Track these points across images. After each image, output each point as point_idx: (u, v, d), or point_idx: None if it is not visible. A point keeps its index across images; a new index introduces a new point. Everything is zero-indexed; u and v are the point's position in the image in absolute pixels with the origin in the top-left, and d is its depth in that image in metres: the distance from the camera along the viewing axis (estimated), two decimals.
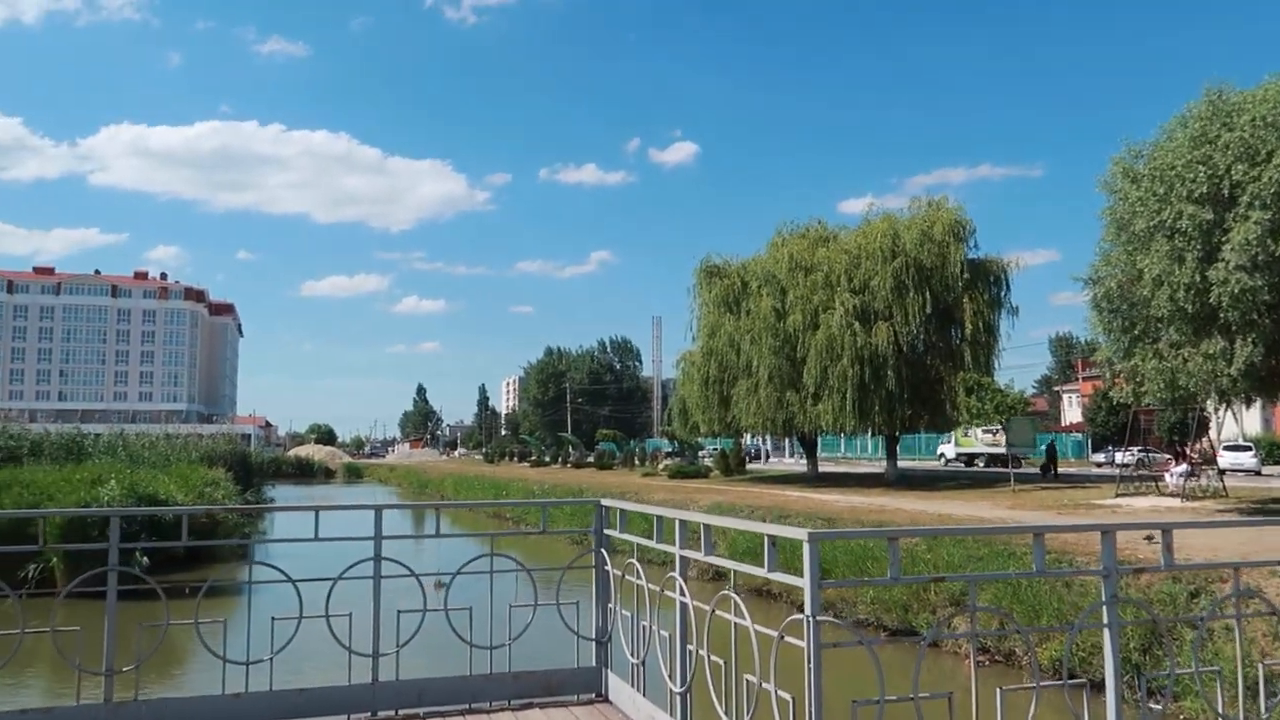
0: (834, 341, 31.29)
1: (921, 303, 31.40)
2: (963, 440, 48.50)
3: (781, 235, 36.72)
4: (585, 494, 35.40)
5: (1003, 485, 29.52)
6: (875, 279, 32.09)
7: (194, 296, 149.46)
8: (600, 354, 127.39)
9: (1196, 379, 17.35)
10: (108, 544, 5.08)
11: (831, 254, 33.73)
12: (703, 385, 36.60)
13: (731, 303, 36.43)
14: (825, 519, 20.76)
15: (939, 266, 32.03)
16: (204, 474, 30.46)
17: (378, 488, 77.65)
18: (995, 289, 33.29)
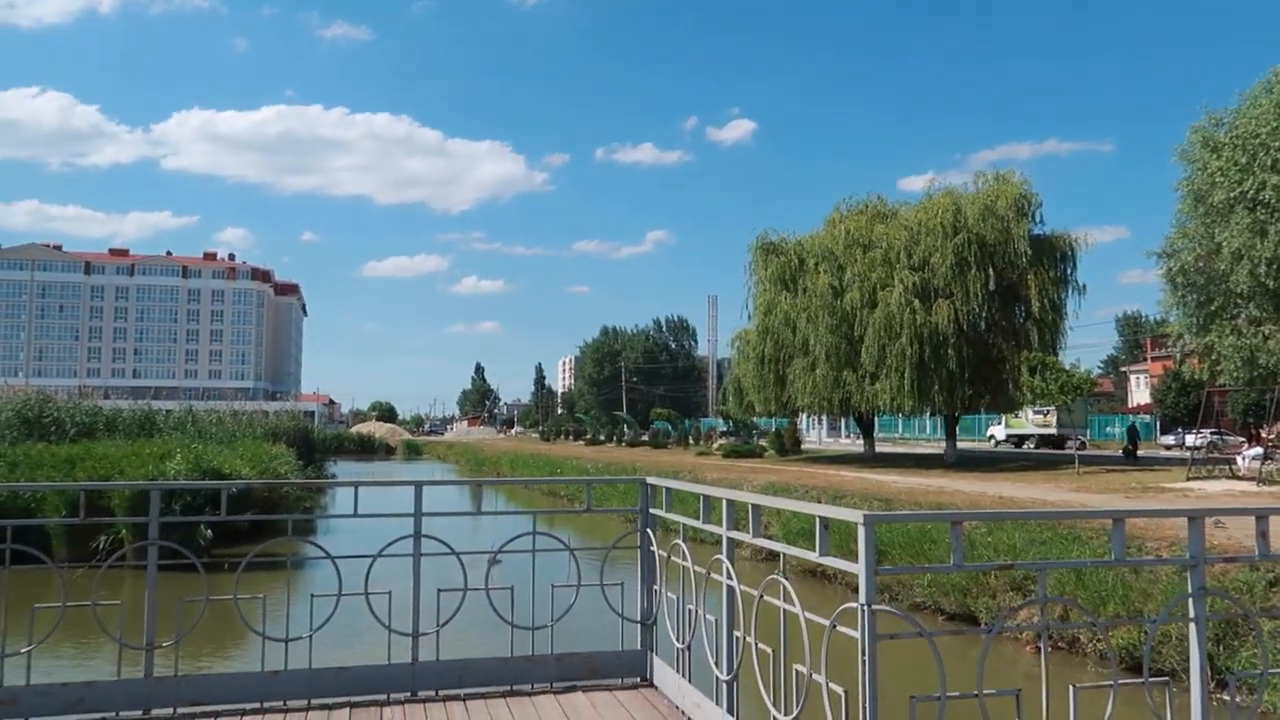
0: (892, 320, 30.60)
1: (984, 280, 30.50)
2: (1013, 422, 47.79)
3: (839, 211, 35.99)
4: (638, 471, 35.31)
5: (1066, 467, 28.65)
6: (935, 255, 31.26)
7: (260, 277, 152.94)
8: (655, 333, 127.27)
9: (1277, 357, 16.51)
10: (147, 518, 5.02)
11: (890, 230, 32.95)
12: (758, 364, 36.15)
13: (788, 280, 35.85)
14: (882, 500, 20.30)
15: (1002, 242, 31.06)
16: (268, 449, 31.04)
17: (436, 464, 78.78)
18: (1061, 266, 32.19)
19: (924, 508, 18.69)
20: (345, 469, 53.36)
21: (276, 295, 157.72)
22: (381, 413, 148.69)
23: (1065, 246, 32.37)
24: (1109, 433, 62.17)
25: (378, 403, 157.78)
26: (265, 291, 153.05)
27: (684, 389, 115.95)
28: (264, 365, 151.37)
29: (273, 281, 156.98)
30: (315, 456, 45.02)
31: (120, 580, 6.62)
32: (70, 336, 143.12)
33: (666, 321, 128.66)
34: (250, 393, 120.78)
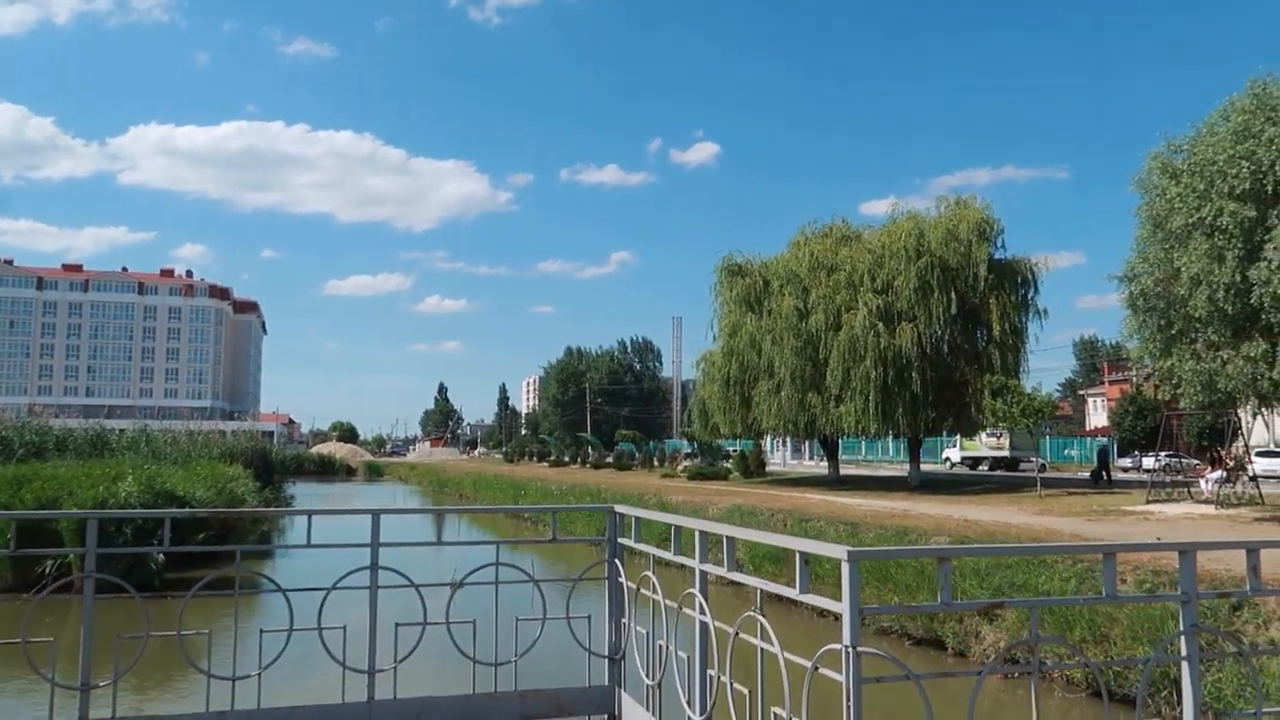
0: (857, 342, 30.72)
1: (946, 303, 30.75)
2: (967, 444, 48.94)
3: (804, 234, 36.16)
4: (603, 495, 35.01)
5: (1028, 489, 28.86)
6: (899, 279, 31.48)
7: (219, 294, 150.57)
8: (620, 354, 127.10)
9: (1236, 382, 16.72)
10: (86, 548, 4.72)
11: (854, 253, 33.15)
12: (723, 386, 36.09)
13: (753, 302, 35.91)
14: (847, 524, 20.23)
15: (964, 266, 31.35)
16: (224, 470, 30.30)
17: (397, 485, 77.70)
18: (1022, 290, 32.56)
19: (890, 531, 18.64)
20: (304, 490, 52.35)
21: (235, 313, 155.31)
22: (342, 433, 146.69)
23: (1026, 271, 32.75)
24: (1068, 455, 63.05)
25: (339, 423, 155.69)
26: (224, 309, 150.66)
27: (649, 410, 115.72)
28: (222, 384, 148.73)
29: (231, 299, 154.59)
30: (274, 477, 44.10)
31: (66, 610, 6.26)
32: (21, 353, 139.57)
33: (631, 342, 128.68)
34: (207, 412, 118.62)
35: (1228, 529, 17.51)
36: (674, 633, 4.72)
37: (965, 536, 16.99)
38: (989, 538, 16.55)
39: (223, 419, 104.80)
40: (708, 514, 24.58)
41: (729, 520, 22.57)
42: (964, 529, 17.89)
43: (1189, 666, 3.40)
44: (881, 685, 3.13)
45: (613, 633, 5.51)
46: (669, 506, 27.04)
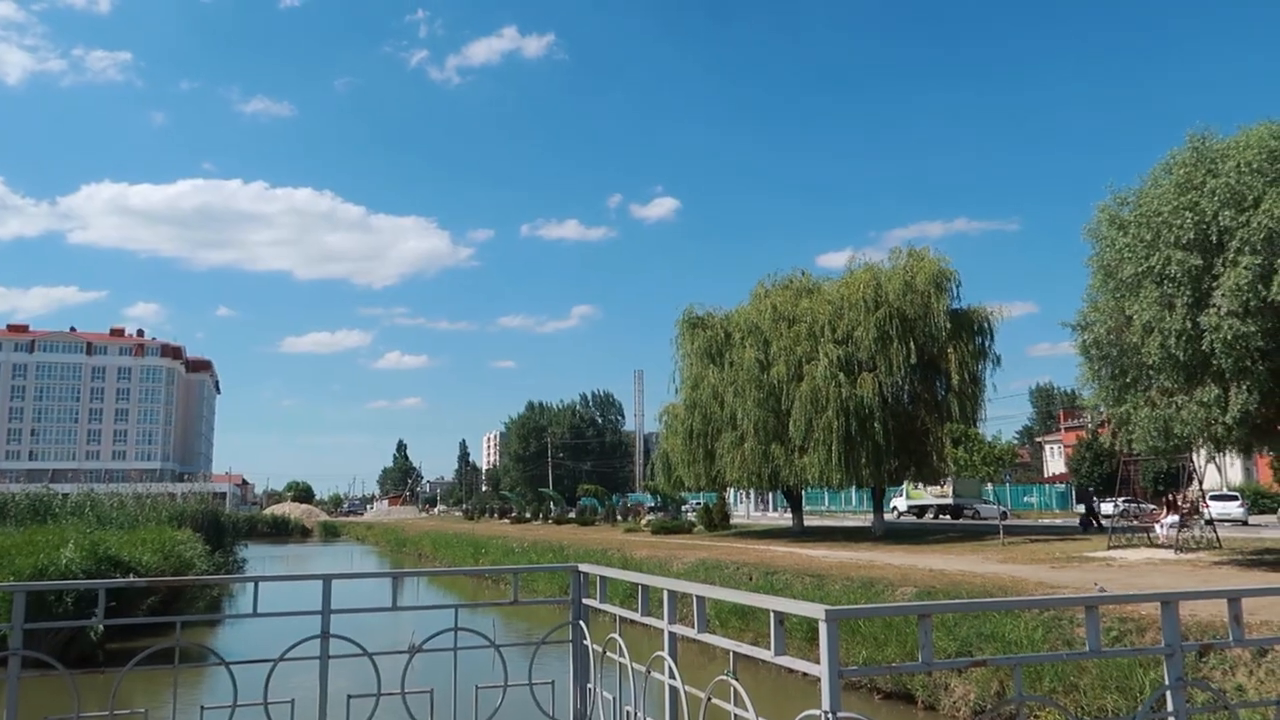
0: (819, 393, 30.85)
1: (906, 353, 31.08)
2: (913, 493, 50.54)
3: (764, 286, 36.48)
4: (566, 551, 34.47)
5: (990, 537, 28.92)
6: (859, 329, 31.79)
7: (170, 353, 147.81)
8: (582, 408, 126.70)
9: (1191, 427, 16.97)
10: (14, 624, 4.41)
11: (815, 305, 33.47)
12: (686, 438, 35.97)
13: (714, 354, 36.02)
14: (814, 575, 20.06)
15: (922, 316, 31.78)
16: (172, 534, 29.35)
17: (354, 546, 76.01)
18: (979, 339, 33.03)
19: (856, 583, 18.50)
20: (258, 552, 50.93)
21: (188, 372, 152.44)
22: (298, 493, 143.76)
23: (982, 319, 33.27)
24: (1026, 502, 63.68)
25: (294, 483, 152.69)
26: (175, 368, 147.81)
27: (611, 464, 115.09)
28: (172, 445, 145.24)
29: (184, 358, 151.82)
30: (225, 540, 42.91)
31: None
32: None
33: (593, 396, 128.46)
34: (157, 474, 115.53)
35: (1189, 574, 17.63)
36: (642, 698, 4.52)
37: (931, 586, 16.90)
38: (955, 587, 16.47)
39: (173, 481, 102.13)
40: (673, 569, 24.26)
41: (695, 575, 22.28)
42: (930, 579, 17.81)
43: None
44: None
45: (578, 699, 5.29)
46: (633, 563, 26.66)
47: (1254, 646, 9.62)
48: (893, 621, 14.50)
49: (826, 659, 2.86)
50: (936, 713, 13.72)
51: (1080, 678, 11.52)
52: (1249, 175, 16.04)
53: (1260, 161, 16.08)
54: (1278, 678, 9.79)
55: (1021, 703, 3.22)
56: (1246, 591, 3.49)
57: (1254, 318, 15.54)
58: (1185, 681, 3.27)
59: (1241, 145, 16.60)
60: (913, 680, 14.11)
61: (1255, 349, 15.86)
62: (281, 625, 5.09)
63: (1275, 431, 18.04)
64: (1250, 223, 15.63)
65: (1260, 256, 15.49)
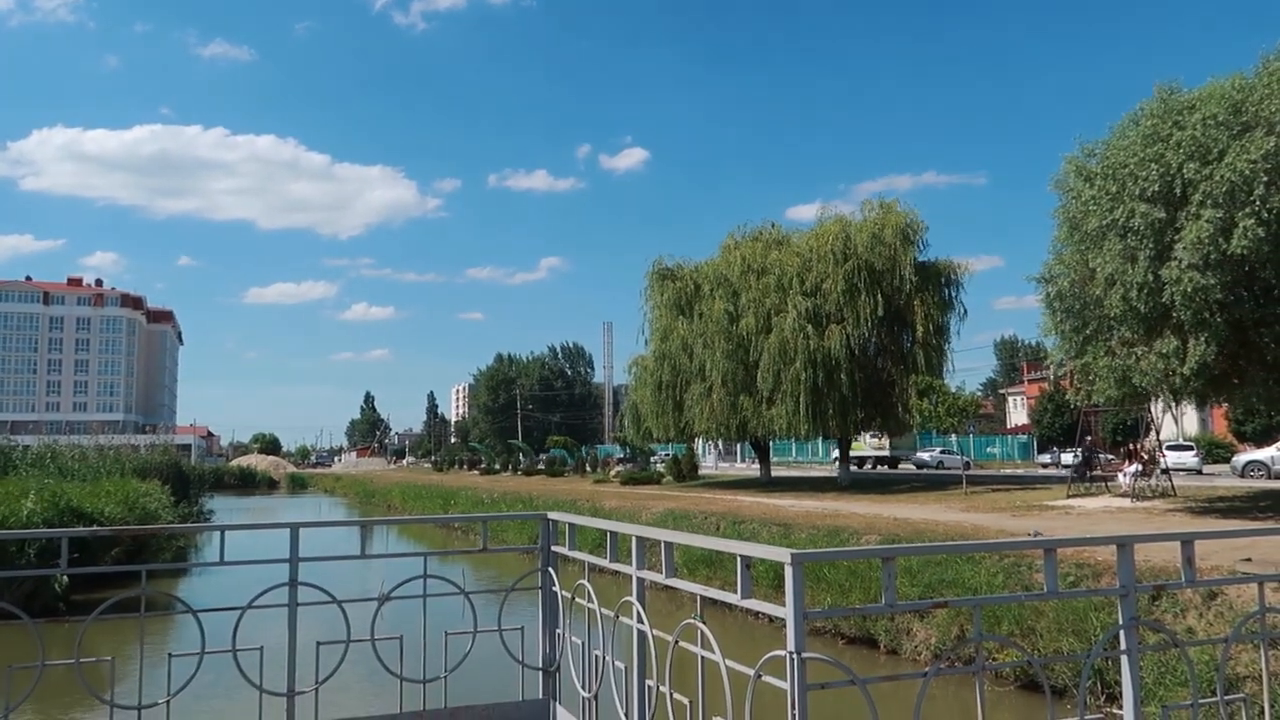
0: (787, 345, 31.02)
1: (873, 305, 31.28)
2: (855, 445, 51.70)
3: (734, 238, 36.43)
4: (535, 502, 34.67)
5: (953, 487, 29.48)
6: (827, 281, 31.91)
7: (131, 303, 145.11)
8: (551, 360, 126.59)
9: (1149, 377, 17.30)
10: None
11: (784, 257, 33.49)
12: (655, 390, 36.12)
13: (684, 306, 36.04)
14: (780, 524, 20.37)
15: (890, 269, 31.95)
16: (136, 487, 29.06)
17: (323, 498, 75.89)
18: (946, 291, 33.31)
19: (822, 531, 18.81)
20: (224, 504, 50.68)
21: (149, 323, 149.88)
22: (264, 445, 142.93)
23: (948, 272, 33.51)
24: (989, 453, 64.84)
25: (261, 435, 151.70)
26: (136, 319, 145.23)
27: (580, 416, 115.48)
28: (135, 397, 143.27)
29: (145, 308, 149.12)
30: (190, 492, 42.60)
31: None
32: None
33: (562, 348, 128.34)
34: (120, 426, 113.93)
35: (1144, 521, 18.11)
36: (611, 642, 4.58)
37: (895, 534, 17.24)
38: (919, 535, 16.81)
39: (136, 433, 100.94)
40: (642, 519, 24.50)
41: (663, 524, 22.52)
42: (894, 527, 18.15)
43: (1129, 660, 3.39)
44: (824, 690, 3.05)
45: (547, 644, 5.35)
46: (602, 512, 26.88)
47: (1204, 588, 9.94)
48: (857, 568, 14.79)
49: (792, 602, 2.90)
50: (898, 656, 14.09)
51: (1038, 621, 11.85)
52: (1214, 128, 16.16)
53: (1225, 114, 16.19)
54: (1226, 620, 10.13)
55: (980, 643, 3.30)
56: (1198, 534, 3.58)
57: (1214, 270, 15.77)
58: (1138, 621, 3.37)
59: (1207, 98, 16.70)
60: (876, 625, 14.44)
61: (1214, 301, 16.14)
62: (249, 574, 5.08)
63: (1231, 383, 18.45)
64: (1213, 176, 15.79)
65: (1222, 210, 15.68)
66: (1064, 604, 11.46)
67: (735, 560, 3.30)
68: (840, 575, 15.18)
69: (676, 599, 12.12)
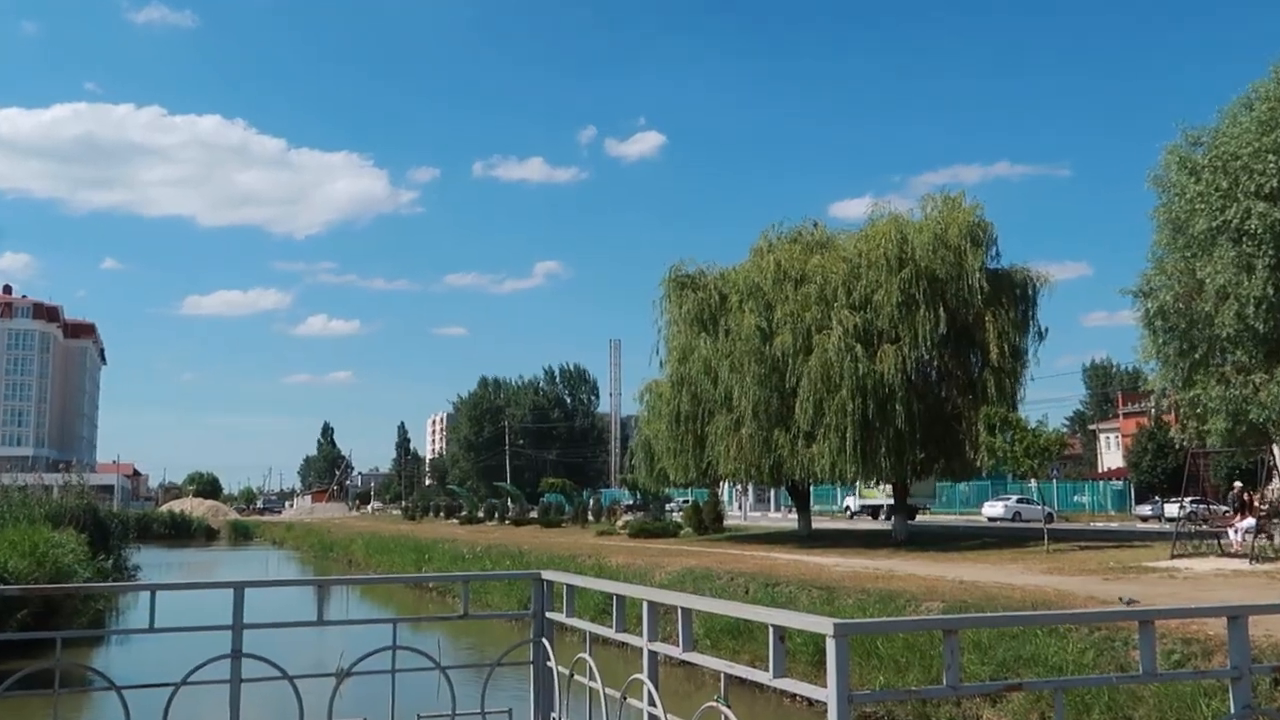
0: (831, 368, 31.04)
1: (935, 321, 31.31)
2: (866, 492, 53.51)
3: (767, 239, 36.56)
4: (526, 558, 34.60)
5: (1033, 543, 29.34)
6: (879, 292, 31.98)
7: (45, 314, 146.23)
8: (547, 385, 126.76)
9: (1271, 411, 17.26)
10: None
11: (827, 262, 33.60)
12: (672, 423, 36.13)
13: (707, 321, 36.13)
14: (822, 588, 20.31)
15: (955, 278, 32.01)
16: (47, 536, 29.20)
17: (271, 551, 75.99)
18: (1022, 306, 33.39)
19: (873, 597, 18.73)
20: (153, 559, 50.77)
21: (66, 338, 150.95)
22: (202, 487, 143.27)
23: (1026, 282, 33.59)
24: (1077, 503, 64.59)
25: (197, 474, 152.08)
26: (51, 333, 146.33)
27: (582, 453, 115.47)
28: (47, 427, 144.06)
29: (61, 320, 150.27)
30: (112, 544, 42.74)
31: None
32: None
33: (560, 371, 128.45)
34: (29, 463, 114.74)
35: (1264, 587, 17.98)
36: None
37: (962, 601, 17.14)
38: (990, 602, 16.72)
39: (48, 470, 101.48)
40: (655, 579, 24.46)
41: (680, 586, 22.49)
42: (961, 592, 18.07)
43: None
44: None
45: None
46: (607, 571, 26.85)
47: None
48: (914, 642, 14.70)
49: (835, 682, 2.92)
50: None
51: (1135, 707, 11.76)
52: None
53: None
54: None
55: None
56: None
57: None
58: (1255, 710, 3.37)
59: None
60: (937, 711, 14.35)
61: None
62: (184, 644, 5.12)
63: None
64: None
65: None
66: (1166, 687, 11.37)
67: (767, 631, 3.32)
68: (895, 650, 15.10)
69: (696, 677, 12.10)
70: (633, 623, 4.62)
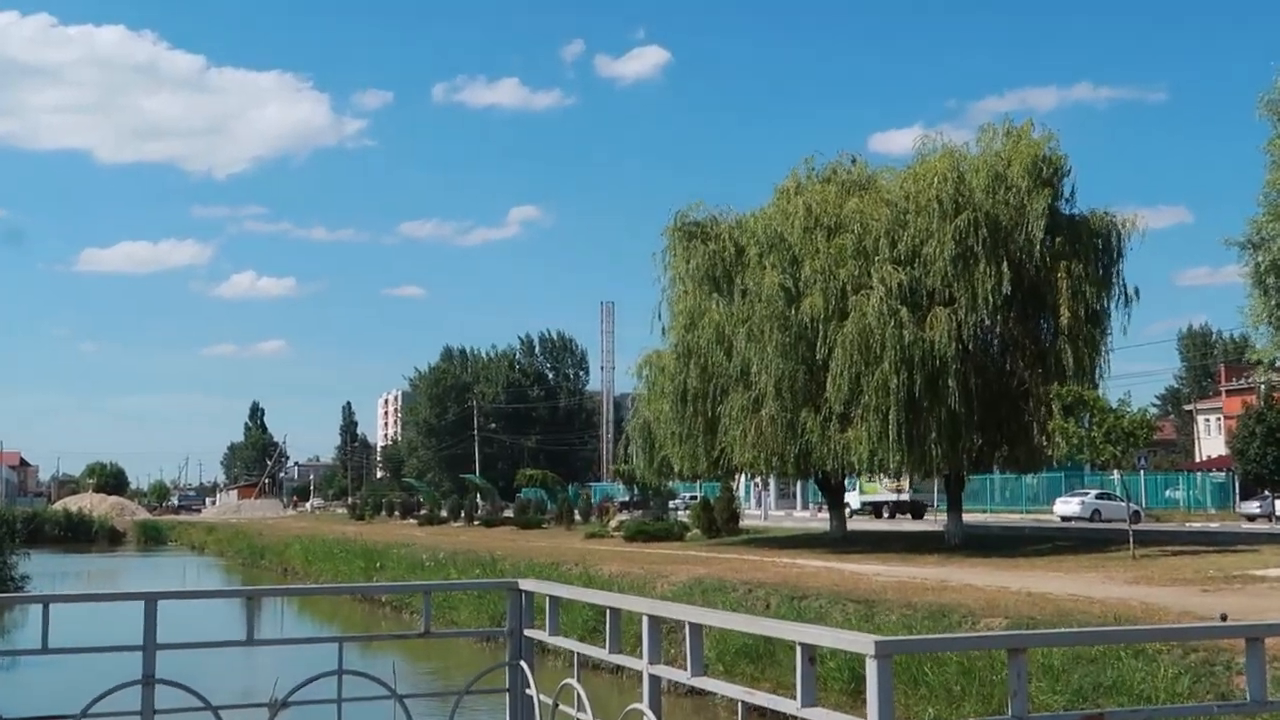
0: (871, 337, 31.03)
1: (996, 278, 31.28)
2: (868, 487, 55.51)
3: (795, 179, 36.47)
4: (500, 565, 34.75)
5: (1115, 548, 29.45)
6: (930, 243, 31.95)
7: None
8: (525, 357, 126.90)
9: None
10: None
11: (867, 206, 33.54)
12: (677, 402, 36.18)
13: (720, 279, 36.11)
14: (859, 600, 20.42)
15: (1021, 225, 31.99)
16: None
17: (189, 557, 76.34)
18: (1103, 260, 33.37)
19: (921, 613, 18.83)
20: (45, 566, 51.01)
21: None
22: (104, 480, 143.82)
23: (1109, 231, 33.51)
24: (1169, 499, 64.78)
25: (98, 465, 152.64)
26: None
27: (567, 440, 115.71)
28: None
29: None
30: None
31: None
32: None
33: (541, 340, 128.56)
34: None
35: None
36: None
37: (1030, 617, 17.22)
38: (1064, 618, 16.80)
39: None
40: (656, 591, 24.57)
41: (688, 598, 22.60)
42: (1028, 606, 18.17)
43: None
44: None
45: None
46: (599, 581, 26.98)
47: None
48: (972, 665, 14.79)
49: (877, 712, 2.93)
50: None
51: None
52: None
53: None
54: None
55: None
56: None
57: None
58: None
59: None
60: None
61: None
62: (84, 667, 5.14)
63: None
64: None
65: None
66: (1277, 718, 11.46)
67: (794, 651, 3.33)
68: (948, 675, 15.20)
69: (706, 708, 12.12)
70: (630, 642, 4.63)
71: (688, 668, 4.07)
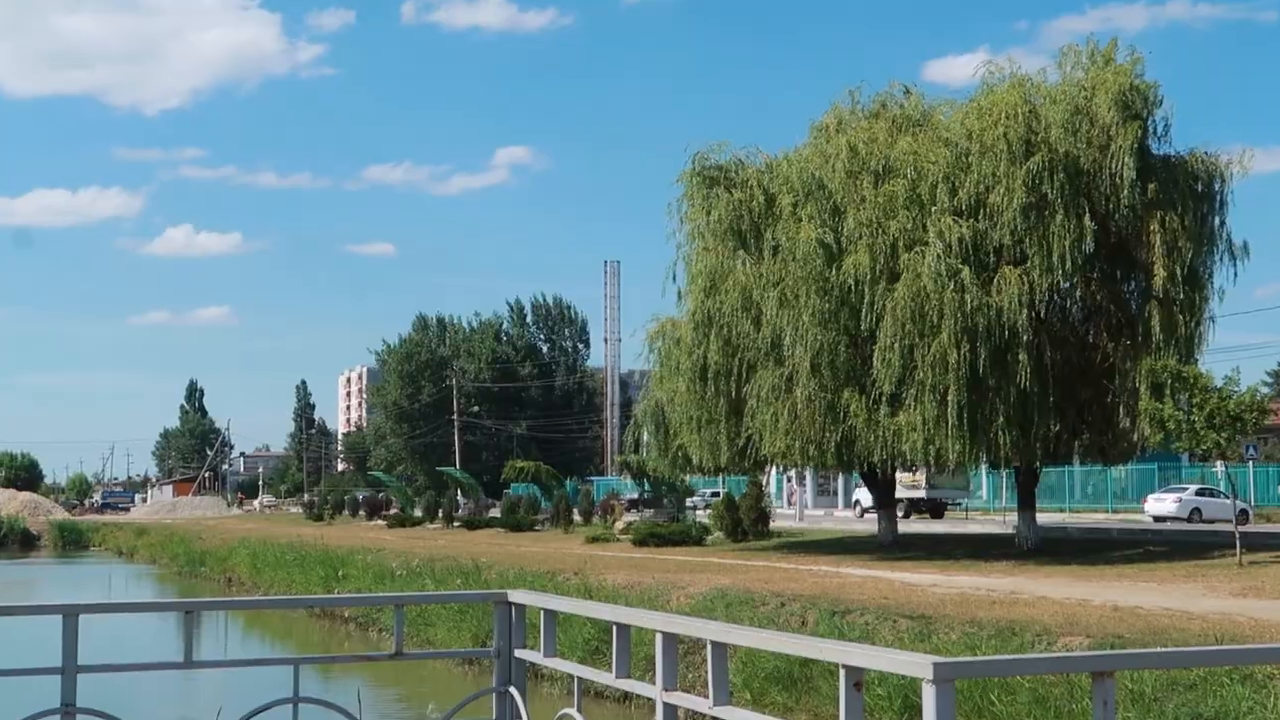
0: (926, 302, 31.02)
1: (1077, 233, 31.21)
2: None
3: (837, 114, 36.46)
4: (486, 574, 34.88)
5: (1220, 554, 29.45)
6: (997, 191, 31.85)
7: None
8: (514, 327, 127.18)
9: None
10: None
11: (922, 146, 33.45)
12: (695, 381, 36.24)
13: (747, 233, 36.08)
14: (912, 616, 20.47)
15: (1102, 169, 31.85)
16: None
17: (116, 564, 76.77)
18: (1203, 209, 33.21)
19: (986, 631, 18.87)
20: None
21: None
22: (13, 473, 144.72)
23: (1210, 175, 33.36)
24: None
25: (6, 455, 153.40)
26: None
27: (564, 426, 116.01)
28: None
29: None
30: None
31: None
32: None
33: (534, 306, 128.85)
34: None
35: None
36: None
37: (1116, 635, 17.26)
38: (1157, 636, 16.84)
39: None
40: (671, 604, 24.64)
41: (709, 613, 22.66)
42: (1113, 622, 18.22)
43: None
44: None
45: None
46: (602, 592, 27.07)
47: None
48: (1047, 692, 14.83)
49: None
50: None
51: None
52: None
53: None
54: None
55: None
56: None
57: None
58: None
59: None
60: None
61: None
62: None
63: None
64: None
65: None
66: None
67: (837, 675, 3.33)
68: (1019, 704, 15.25)
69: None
70: (640, 665, 4.64)
71: (709, 695, 4.08)
